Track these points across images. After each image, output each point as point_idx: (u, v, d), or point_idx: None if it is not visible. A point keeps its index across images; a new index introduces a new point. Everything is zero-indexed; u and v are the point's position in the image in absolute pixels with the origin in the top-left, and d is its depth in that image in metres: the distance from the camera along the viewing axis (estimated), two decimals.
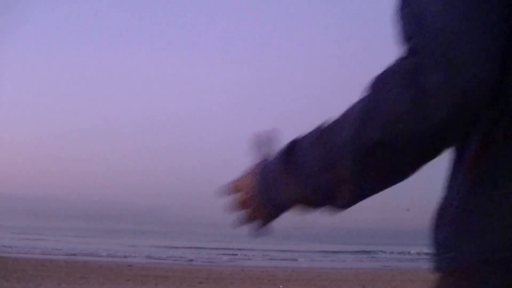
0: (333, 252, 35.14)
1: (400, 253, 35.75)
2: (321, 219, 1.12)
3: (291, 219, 1.15)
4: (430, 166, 0.99)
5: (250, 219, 1.15)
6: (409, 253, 34.71)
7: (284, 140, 1.11)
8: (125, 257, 25.50)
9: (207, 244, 39.58)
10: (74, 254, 25.63)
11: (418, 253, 31.16)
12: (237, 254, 30.27)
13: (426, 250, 1.08)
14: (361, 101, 0.96)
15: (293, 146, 1.06)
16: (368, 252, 36.08)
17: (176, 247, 35.67)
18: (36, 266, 15.45)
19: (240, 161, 1.20)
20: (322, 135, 1.00)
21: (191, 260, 25.56)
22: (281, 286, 13.37)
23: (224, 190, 1.17)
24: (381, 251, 36.84)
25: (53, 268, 15.12)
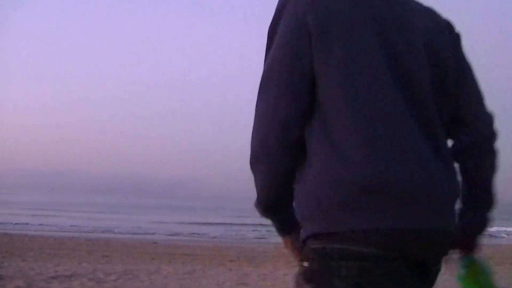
0: None
1: None
2: None
3: None
4: None
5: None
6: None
7: None
8: (150, 234, 25.75)
9: (237, 220, 39.76)
10: (96, 232, 25.97)
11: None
12: (270, 230, 30.36)
13: None
14: None
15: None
16: None
17: (204, 223, 35.92)
18: (54, 245, 15.66)
19: None
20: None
21: (220, 237, 25.71)
22: None
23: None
24: None
25: (73, 246, 15.31)
